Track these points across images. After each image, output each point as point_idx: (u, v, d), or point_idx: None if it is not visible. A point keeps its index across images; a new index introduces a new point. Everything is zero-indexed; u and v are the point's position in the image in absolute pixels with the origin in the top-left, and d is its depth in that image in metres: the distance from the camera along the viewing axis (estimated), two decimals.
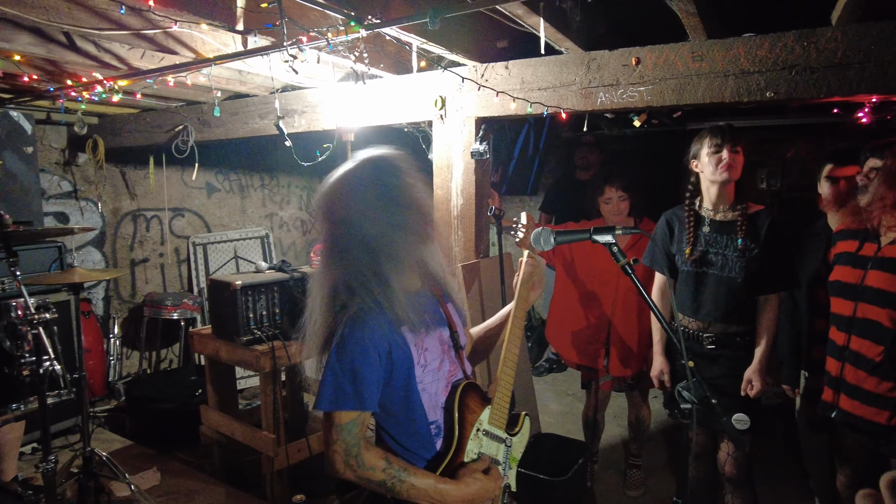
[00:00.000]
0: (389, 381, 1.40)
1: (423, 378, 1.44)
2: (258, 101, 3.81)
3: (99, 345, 4.57)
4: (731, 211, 2.46)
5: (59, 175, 4.70)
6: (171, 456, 3.73)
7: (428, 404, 1.46)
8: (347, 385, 1.34)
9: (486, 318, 1.95)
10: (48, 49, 2.72)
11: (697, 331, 2.52)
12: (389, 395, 1.42)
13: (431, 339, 1.48)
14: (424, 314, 1.46)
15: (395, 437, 1.48)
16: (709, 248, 2.48)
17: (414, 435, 1.47)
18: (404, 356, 1.40)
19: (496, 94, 2.86)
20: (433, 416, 1.48)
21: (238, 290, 2.83)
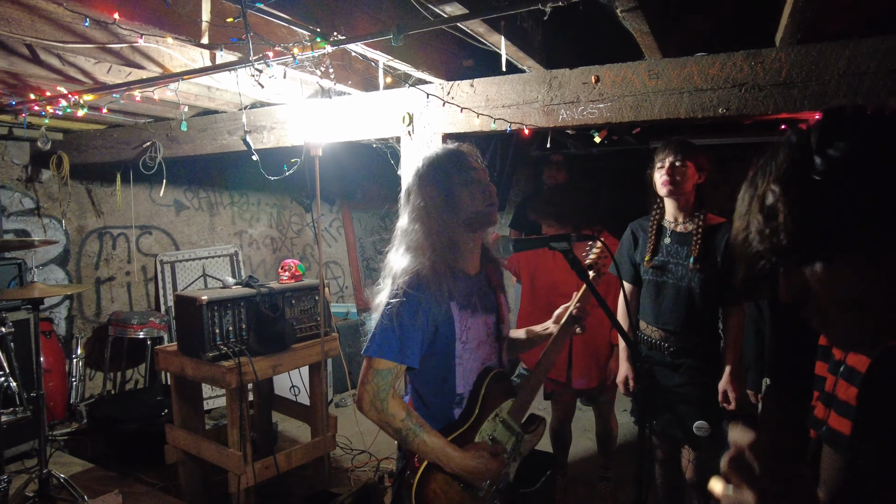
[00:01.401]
0: (431, 345, 1.57)
1: (462, 353, 1.61)
2: (227, 118, 3.81)
3: (60, 365, 4.44)
4: (689, 223, 2.54)
5: (21, 192, 4.61)
6: (134, 478, 3.63)
7: (460, 377, 1.62)
8: (395, 338, 1.52)
9: None
10: (10, 62, 2.70)
11: (659, 339, 2.58)
12: (428, 359, 1.59)
13: (476, 321, 1.64)
14: (475, 297, 1.66)
15: (423, 395, 1.65)
16: (669, 259, 2.55)
17: (440, 400, 1.63)
18: (449, 328, 1.57)
19: (461, 110, 2.92)
20: (461, 388, 1.63)
21: (204, 305, 2.81)
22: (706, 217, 2.52)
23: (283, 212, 6.58)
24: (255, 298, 3.03)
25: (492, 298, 1.74)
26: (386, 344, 1.53)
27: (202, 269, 5.45)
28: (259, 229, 6.31)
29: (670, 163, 2.46)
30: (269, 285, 3.17)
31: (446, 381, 1.61)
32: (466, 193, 1.64)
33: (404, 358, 1.53)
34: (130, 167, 4.70)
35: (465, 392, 1.64)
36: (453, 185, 1.64)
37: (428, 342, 1.57)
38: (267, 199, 6.39)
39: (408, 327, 1.52)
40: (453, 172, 1.66)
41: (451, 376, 1.61)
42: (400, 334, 1.52)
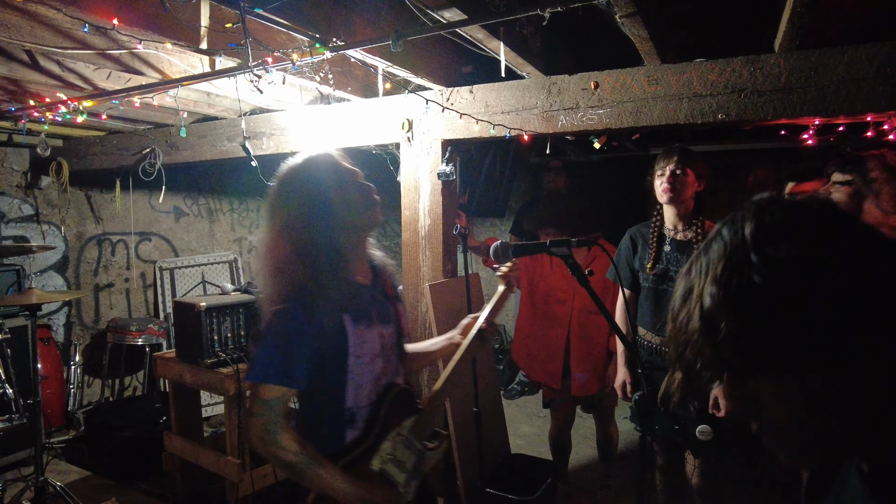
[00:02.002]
0: (320, 363, 1.44)
1: (355, 368, 1.48)
2: (226, 124, 3.81)
3: (58, 372, 4.43)
4: (689, 231, 2.54)
5: (20, 198, 4.60)
6: (131, 486, 3.61)
7: (350, 393, 1.49)
8: (281, 361, 1.39)
9: None
10: (9, 68, 2.71)
11: (659, 346, 2.57)
12: (317, 377, 1.45)
13: (372, 333, 1.53)
14: (370, 308, 1.54)
15: (310, 415, 1.52)
16: (669, 266, 2.54)
17: (329, 418, 1.50)
18: (341, 342, 1.45)
19: (460, 116, 2.93)
20: (350, 403, 1.50)
21: (202, 311, 2.80)
22: (704, 225, 2.52)
23: None
24: (253, 305, 3.02)
25: (388, 309, 1.63)
26: (272, 368, 1.39)
27: (201, 276, 5.44)
28: (259, 236, 6.30)
29: (671, 170, 2.46)
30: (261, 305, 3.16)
31: (335, 398, 1.49)
32: (340, 196, 1.53)
33: (293, 381, 1.41)
34: (130, 174, 4.70)
35: (355, 408, 1.52)
36: (326, 190, 1.52)
37: (317, 360, 1.44)
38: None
39: (294, 348, 1.40)
40: (322, 176, 1.55)
41: (341, 392, 1.49)
42: (286, 356, 1.40)
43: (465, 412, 3.03)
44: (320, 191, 1.51)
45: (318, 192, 1.51)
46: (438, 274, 3.11)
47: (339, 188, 1.54)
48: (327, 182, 1.53)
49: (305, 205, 1.50)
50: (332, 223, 1.50)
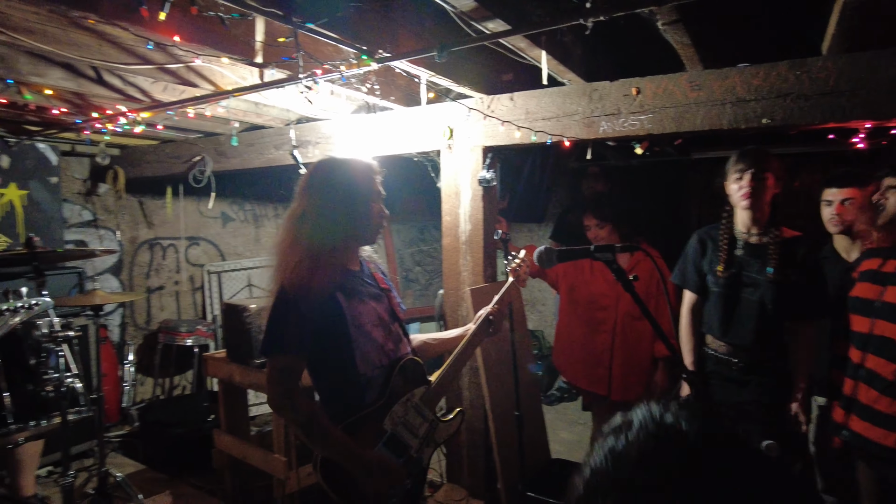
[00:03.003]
0: (323, 333, 1.63)
1: (357, 337, 1.67)
2: (273, 133, 3.95)
3: (114, 371, 4.64)
4: (764, 235, 2.41)
5: (81, 204, 4.85)
6: (182, 481, 3.76)
7: (360, 360, 1.66)
8: (283, 334, 1.59)
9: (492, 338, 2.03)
10: (78, 83, 2.88)
11: (726, 354, 2.47)
12: (325, 346, 1.64)
13: (366, 307, 1.73)
14: (360, 287, 1.76)
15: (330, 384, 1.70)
16: (741, 271, 2.42)
17: (343, 383, 1.68)
18: (337, 315, 1.64)
19: (502, 123, 2.97)
20: (364, 369, 1.67)
21: (252, 313, 2.91)
22: (781, 230, 2.40)
23: None
24: None
25: (376, 289, 1.82)
26: (277, 340, 1.61)
27: (247, 279, 5.62)
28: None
29: (751, 175, 2.32)
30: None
31: (346, 365, 1.66)
32: (366, 209, 1.74)
33: (296, 349, 1.60)
34: (181, 181, 4.90)
35: (368, 374, 1.69)
36: (361, 195, 1.73)
37: (319, 331, 1.62)
38: None
39: (294, 320, 1.59)
40: (362, 185, 1.75)
41: (351, 359, 1.66)
42: (287, 329, 1.59)
43: (507, 416, 3.06)
44: (344, 195, 1.71)
45: (343, 196, 1.71)
46: (479, 279, 3.15)
47: (364, 196, 1.74)
48: (353, 191, 1.72)
49: (329, 202, 1.69)
50: (344, 226, 1.70)
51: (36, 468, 3.12)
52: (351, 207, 1.70)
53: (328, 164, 1.79)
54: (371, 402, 1.68)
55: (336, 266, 1.69)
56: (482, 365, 3.05)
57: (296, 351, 1.60)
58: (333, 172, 1.75)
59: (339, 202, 1.69)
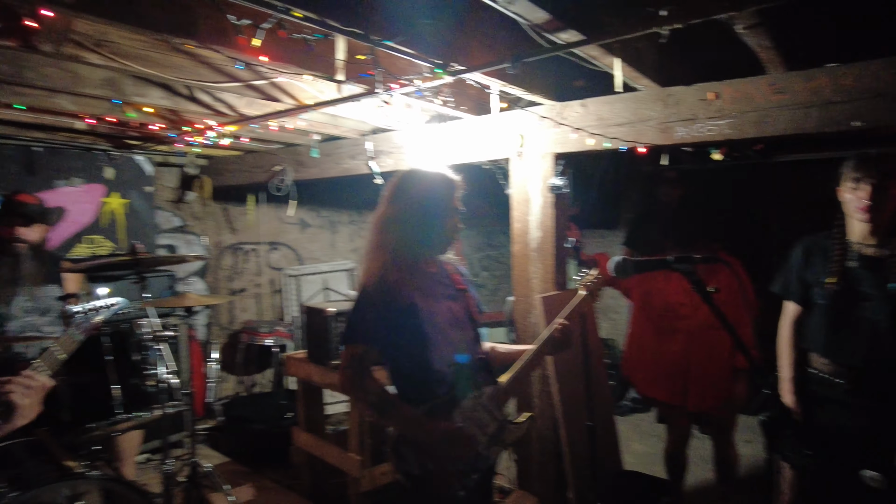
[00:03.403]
0: (400, 330, 1.75)
1: (431, 334, 1.77)
2: (349, 143, 4.11)
3: (200, 368, 4.95)
4: (883, 247, 2.21)
5: (171, 211, 5.21)
6: (262, 475, 3.96)
7: (432, 355, 1.77)
8: (361, 326, 1.76)
9: None
10: (173, 101, 3.11)
11: (831, 374, 2.29)
12: (401, 342, 1.76)
13: (440, 306, 1.84)
14: (435, 288, 1.86)
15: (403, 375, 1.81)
16: (854, 285, 2.23)
17: (419, 377, 1.78)
18: (413, 314, 1.76)
19: (573, 130, 2.96)
20: (438, 365, 1.77)
21: (330, 316, 3.04)
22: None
23: None
24: None
25: (452, 290, 1.92)
26: (355, 331, 1.77)
27: (323, 283, 5.85)
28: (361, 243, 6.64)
29: (872, 184, 2.14)
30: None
31: (422, 360, 1.75)
32: (447, 223, 1.84)
33: (371, 340, 1.75)
34: (262, 189, 5.17)
35: (442, 370, 1.77)
36: (441, 210, 1.83)
37: (395, 327, 1.74)
38: None
39: (371, 316, 1.73)
40: (447, 199, 1.85)
41: (426, 355, 1.75)
42: (365, 322, 1.74)
43: (578, 425, 3.04)
44: (423, 208, 1.82)
45: (421, 209, 1.82)
46: (549, 286, 3.15)
47: (444, 211, 1.84)
48: (432, 205, 1.83)
49: (408, 213, 1.81)
50: (420, 237, 1.82)
51: (135, 457, 3.38)
52: (427, 220, 1.81)
53: (412, 175, 1.90)
54: (444, 396, 1.78)
55: (413, 269, 1.81)
56: (553, 373, 3.04)
57: (369, 342, 1.75)
58: (416, 185, 1.86)
59: (418, 214, 1.80)
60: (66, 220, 4.39)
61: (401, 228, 1.81)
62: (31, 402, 1.30)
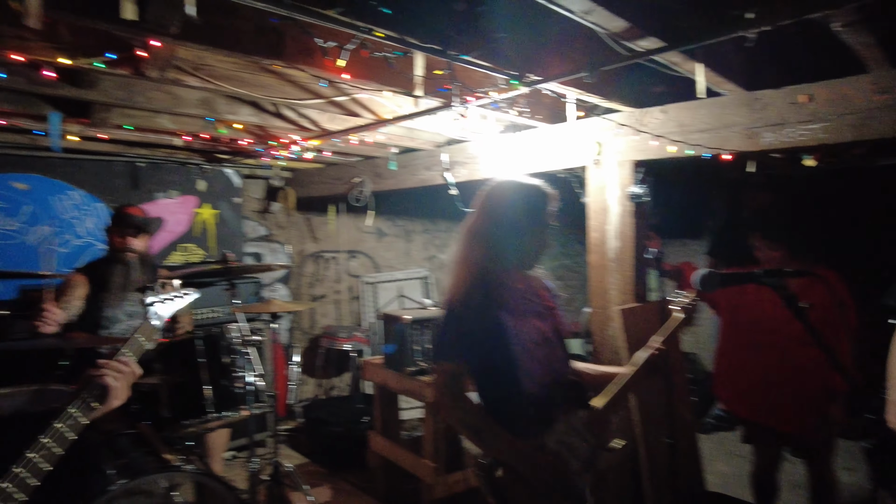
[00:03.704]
0: (488, 349, 1.69)
1: (521, 355, 1.70)
2: (424, 155, 4.19)
3: (283, 370, 5.18)
4: None
5: (257, 221, 5.51)
6: (339, 476, 4.08)
7: (524, 377, 1.69)
8: (450, 344, 1.70)
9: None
10: (261, 118, 3.30)
11: None
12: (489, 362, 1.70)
13: (528, 325, 1.75)
14: (523, 305, 1.78)
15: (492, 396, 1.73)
16: None
17: (509, 398, 1.70)
18: (501, 333, 1.69)
19: (653, 137, 2.88)
20: (528, 387, 1.70)
21: (407, 324, 3.11)
22: None
23: None
24: None
25: (541, 307, 1.84)
26: (445, 349, 1.71)
27: (398, 290, 5.98)
28: (448, 254, 6.74)
29: None
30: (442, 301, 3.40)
31: (511, 381, 1.69)
32: (539, 237, 1.78)
33: (460, 358, 1.68)
34: (342, 199, 5.37)
35: (532, 391, 1.70)
36: (533, 223, 1.76)
37: (483, 346, 1.68)
38: (456, 227, 6.74)
39: (460, 334, 1.67)
40: (540, 212, 1.77)
41: (514, 376, 1.68)
42: (454, 340, 1.68)
43: (658, 442, 2.94)
44: (522, 217, 1.75)
45: (521, 217, 1.75)
46: (628, 298, 3.07)
47: (536, 224, 1.77)
48: (531, 214, 1.76)
49: (506, 222, 1.75)
50: (510, 250, 1.75)
51: (223, 452, 3.58)
52: (518, 233, 1.75)
53: (505, 186, 1.84)
54: (534, 418, 1.70)
55: (501, 285, 1.74)
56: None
57: (459, 360, 1.70)
58: (508, 195, 1.80)
59: (508, 226, 1.74)
60: (164, 230, 4.74)
61: (490, 241, 1.74)
62: (122, 384, 1.38)
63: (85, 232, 4.34)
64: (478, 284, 1.70)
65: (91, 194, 4.37)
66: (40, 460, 1.21)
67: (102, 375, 1.35)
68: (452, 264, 1.81)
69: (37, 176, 4.13)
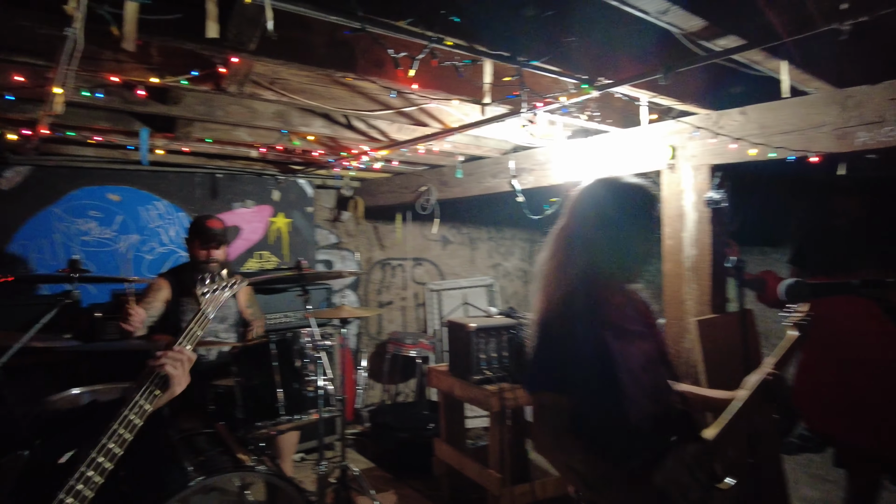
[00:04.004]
0: (590, 376, 1.47)
1: (627, 382, 1.49)
2: (490, 163, 4.18)
3: (351, 375, 5.29)
4: None
5: (328, 230, 5.66)
6: (404, 482, 4.10)
7: (630, 407, 1.49)
8: (548, 369, 1.49)
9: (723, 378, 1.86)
10: (333, 129, 3.39)
11: None
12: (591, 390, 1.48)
13: (635, 348, 1.55)
14: (627, 324, 1.57)
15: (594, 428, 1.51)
16: None
17: (612, 431, 1.50)
18: (605, 357, 1.48)
19: (733, 140, 2.75)
20: (634, 417, 1.49)
21: (472, 331, 3.09)
22: None
23: (535, 246, 6.88)
24: (515, 328, 3.23)
25: (643, 326, 1.62)
26: (543, 377, 1.50)
27: (463, 298, 5.98)
28: (512, 262, 6.70)
29: None
30: (528, 316, 3.35)
31: (616, 412, 1.49)
32: (642, 245, 1.56)
33: (562, 389, 1.46)
34: (408, 208, 5.44)
35: (638, 422, 1.50)
36: (638, 229, 1.54)
37: (586, 372, 1.47)
38: (520, 235, 6.76)
39: (561, 359, 1.47)
40: (644, 215, 1.55)
41: (620, 407, 1.48)
42: (553, 367, 1.48)
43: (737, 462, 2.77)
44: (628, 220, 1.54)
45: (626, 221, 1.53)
46: (705, 309, 2.93)
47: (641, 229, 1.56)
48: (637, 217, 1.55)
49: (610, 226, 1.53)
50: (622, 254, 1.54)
51: (292, 456, 3.68)
52: (623, 239, 1.53)
53: (605, 185, 1.62)
54: (639, 453, 1.49)
55: (602, 300, 1.53)
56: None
57: (559, 390, 1.48)
58: (608, 197, 1.57)
59: (612, 231, 1.52)
60: (240, 238, 4.96)
61: (588, 249, 1.53)
62: (181, 372, 1.46)
63: (168, 240, 4.61)
64: (576, 300, 1.49)
65: (174, 204, 4.63)
66: (112, 445, 1.29)
67: (163, 365, 1.43)
68: (542, 276, 1.58)
69: (127, 188, 4.43)
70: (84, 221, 4.25)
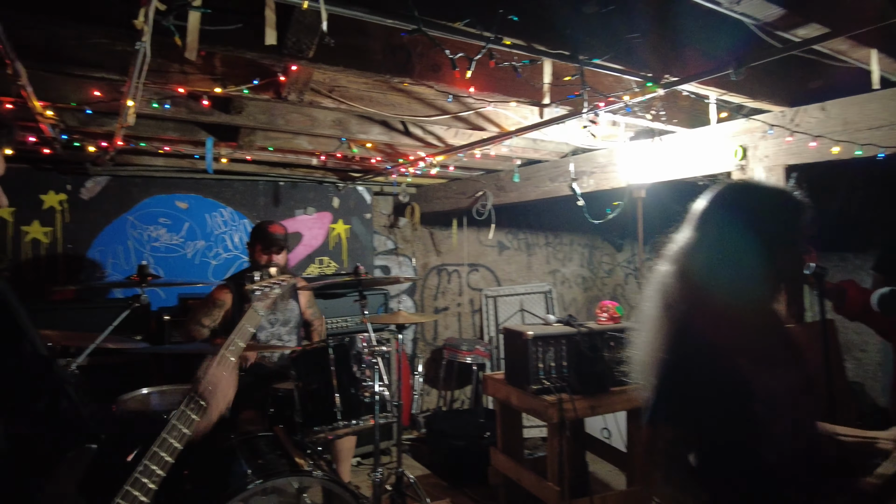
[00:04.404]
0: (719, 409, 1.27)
1: (764, 416, 1.27)
2: (549, 166, 4.09)
3: (407, 380, 5.28)
4: None
5: (385, 235, 5.71)
6: (460, 491, 4.05)
7: (770, 448, 1.27)
8: (675, 401, 1.30)
9: None
10: (390, 136, 3.41)
11: None
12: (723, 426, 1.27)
13: (777, 377, 1.33)
14: (769, 350, 1.35)
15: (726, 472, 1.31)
16: None
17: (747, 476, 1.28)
18: (739, 387, 1.28)
19: (812, 138, 2.57)
20: (775, 460, 1.27)
21: (530, 340, 3.02)
22: None
23: (595, 252, 6.70)
24: (575, 337, 3.12)
25: (789, 354, 1.40)
26: (662, 409, 1.31)
27: (520, 304, 5.89)
28: (571, 268, 6.55)
29: None
30: (588, 325, 3.24)
31: (751, 454, 1.27)
32: (787, 261, 1.34)
33: (683, 423, 1.28)
34: (464, 214, 5.41)
35: (781, 466, 1.28)
36: (783, 242, 1.33)
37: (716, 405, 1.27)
38: (579, 240, 6.60)
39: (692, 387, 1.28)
40: (791, 226, 1.34)
41: (756, 447, 1.26)
42: (683, 397, 1.28)
43: None
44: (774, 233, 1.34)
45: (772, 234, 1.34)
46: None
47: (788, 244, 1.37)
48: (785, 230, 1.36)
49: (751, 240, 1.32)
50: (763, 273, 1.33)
51: (350, 461, 3.70)
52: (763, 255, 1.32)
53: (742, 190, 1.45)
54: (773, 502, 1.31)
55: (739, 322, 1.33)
56: None
57: (685, 426, 1.30)
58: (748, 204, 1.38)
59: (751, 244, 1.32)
60: (301, 244, 5.07)
61: (727, 265, 1.32)
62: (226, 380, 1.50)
63: (232, 246, 4.76)
64: (715, 323, 1.30)
65: (238, 211, 4.78)
66: (164, 454, 1.34)
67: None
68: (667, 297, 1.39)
69: (194, 195, 4.61)
70: (154, 228, 4.45)
